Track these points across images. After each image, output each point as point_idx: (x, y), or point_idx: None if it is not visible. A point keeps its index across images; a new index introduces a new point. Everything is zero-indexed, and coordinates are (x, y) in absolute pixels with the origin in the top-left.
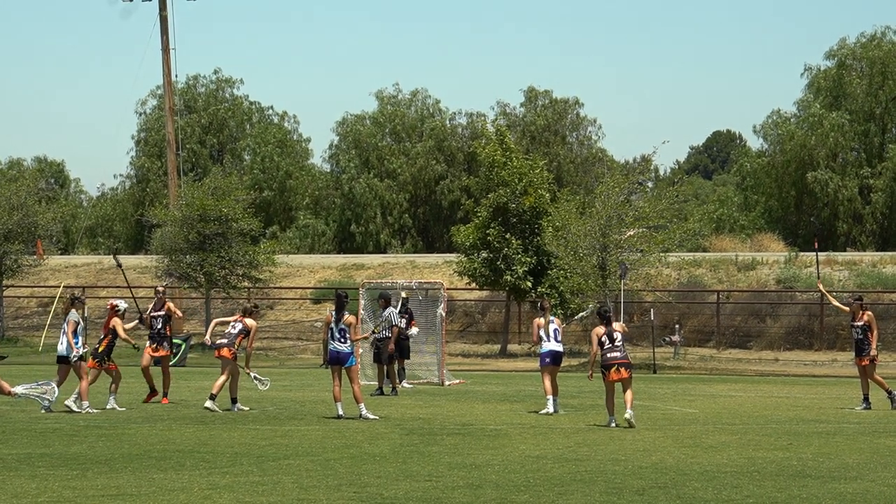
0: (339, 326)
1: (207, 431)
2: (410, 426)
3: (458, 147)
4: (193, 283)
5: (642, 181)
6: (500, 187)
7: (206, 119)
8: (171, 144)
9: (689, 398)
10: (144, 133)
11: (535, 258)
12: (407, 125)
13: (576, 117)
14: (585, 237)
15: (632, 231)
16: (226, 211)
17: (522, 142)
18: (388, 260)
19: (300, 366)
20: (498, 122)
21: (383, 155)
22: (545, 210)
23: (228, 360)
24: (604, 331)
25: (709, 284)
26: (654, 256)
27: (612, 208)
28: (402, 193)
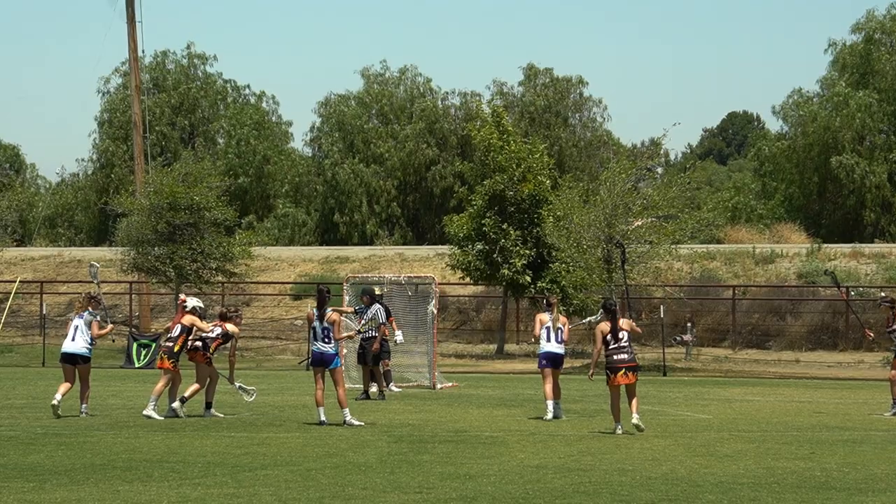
0: (321, 325)
1: (177, 439)
2: (399, 433)
3: (450, 130)
4: (162, 277)
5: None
6: (497, 173)
7: (177, 99)
8: (138, 126)
9: (702, 403)
10: (108, 114)
11: (534, 250)
12: (395, 106)
13: (579, 97)
14: (589, 227)
15: (640, 221)
16: (198, 199)
17: (521, 124)
18: (374, 252)
19: (279, 367)
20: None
21: (369, 138)
22: (545, 198)
23: (202, 364)
24: (609, 328)
25: (724, 279)
26: (664, 249)
27: (618, 196)
28: (390, 180)
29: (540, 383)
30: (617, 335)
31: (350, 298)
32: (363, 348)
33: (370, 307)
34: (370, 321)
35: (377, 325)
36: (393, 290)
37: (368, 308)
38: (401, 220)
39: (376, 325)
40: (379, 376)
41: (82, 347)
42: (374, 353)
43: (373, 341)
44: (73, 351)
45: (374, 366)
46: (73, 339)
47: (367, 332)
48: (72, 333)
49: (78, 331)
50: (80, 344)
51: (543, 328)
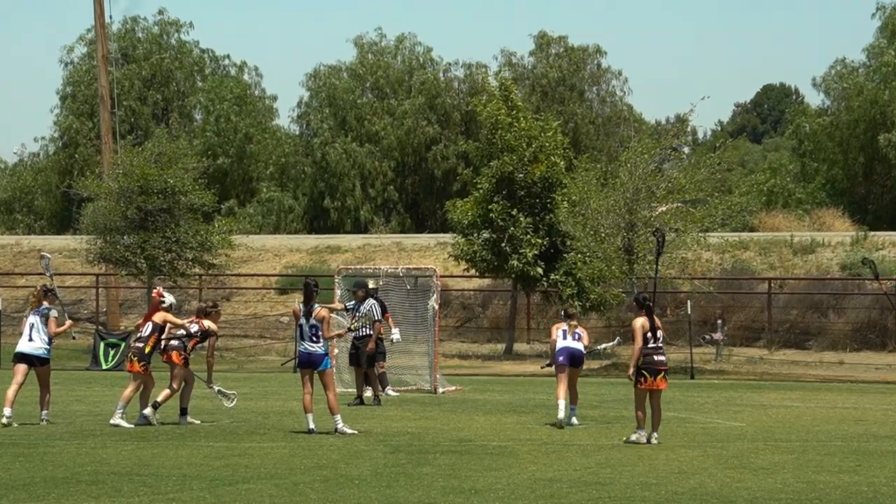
0: (309, 322)
1: (149, 449)
2: (396, 443)
3: (453, 105)
4: (133, 269)
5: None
6: (505, 153)
7: (148, 70)
8: (105, 101)
9: (734, 409)
10: (72, 87)
11: (547, 239)
12: (392, 79)
13: (596, 69)
14: (608, 214)
15: (664, 206)
16: (172, 182)
17: (532, 98)
18: (369, 241)
19: (263, 369)
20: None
21: (363, 114)
22: (559, 181)
23: (178, 366)
24: (647, 323)
25: (758, 271)
26: (691, 237)
27: (640, 179)
28: (387, 161)
29: (554, 387)
30: (655, 332)
31: (342, 293)
32: (356, 348)
33: (363, 302)
34: (364, 318)
35: (372, 323)
36: (389, 283)
37: (362, 303)
38: (398, 205)
39: (371, 322)
40: (374, 379)
41: (40, 348)
42: (368, 353)
43: (367, 340)
44: (29, 352)
45: (369, 368)
46: (29, 338)
47: (361, 331)
48: (27, 332)
49: (34, 329)
50: (38, 344)
51: (560, 330)
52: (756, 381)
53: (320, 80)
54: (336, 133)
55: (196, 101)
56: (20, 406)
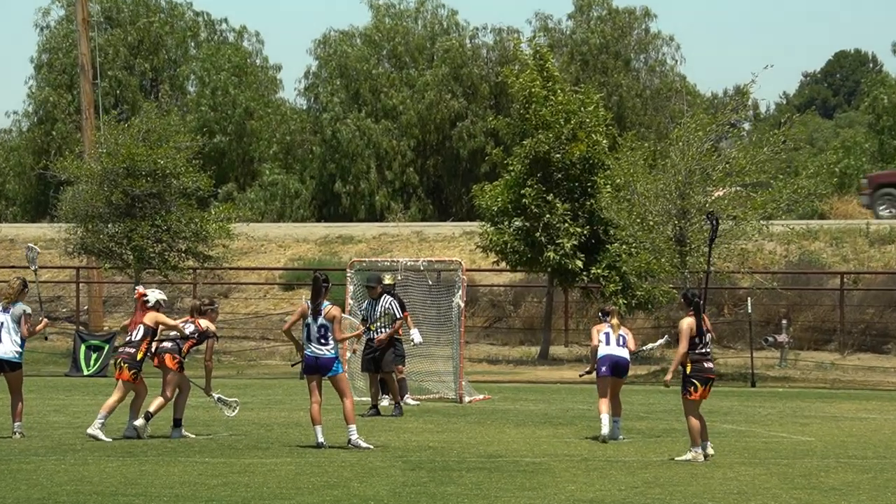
0: (318, 322)
1: (137, 466)
2: (417, 458)
3: (481, 76)
4: (118, 262)
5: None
6: (540, 131)
7: (135, 36)
8: (86, 70)
9: (801, 421)
10: (48, 55)
11: (587, 228)
12: (412, 46)
13: (644, 34)
14: (657, 199)
15: (721, 191)
16: (162, 163)
17: (570, 68)
18: (385, 230)
19: (265, 375)
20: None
21: (379, 86)
22: (601, 162)
23: (171, 371)
24: (695, 324)
25: (829, 264)
26: (752, 225)
27: (693, 159)
28: (405, 139)
29: (595, 395)
30: (704, 334)
31: (355, 288)
32: (373, 351)
33: (380, 299)
34: (385, 316)
35: (393, 321)
36: (409, 277)
37: (378, 301)
38: (418, 189)
39: (390, 320)
40: (393, 386)
41: (11, 351)
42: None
43: (383, 342)
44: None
45: (386, 373)
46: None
47: (379, 331)
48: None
49: (5, 329)
50: (9, 347)
51: (602, 333)
52: (826, 390)
53: (330, 48)
54: (348, 108)
55: (189, 71)
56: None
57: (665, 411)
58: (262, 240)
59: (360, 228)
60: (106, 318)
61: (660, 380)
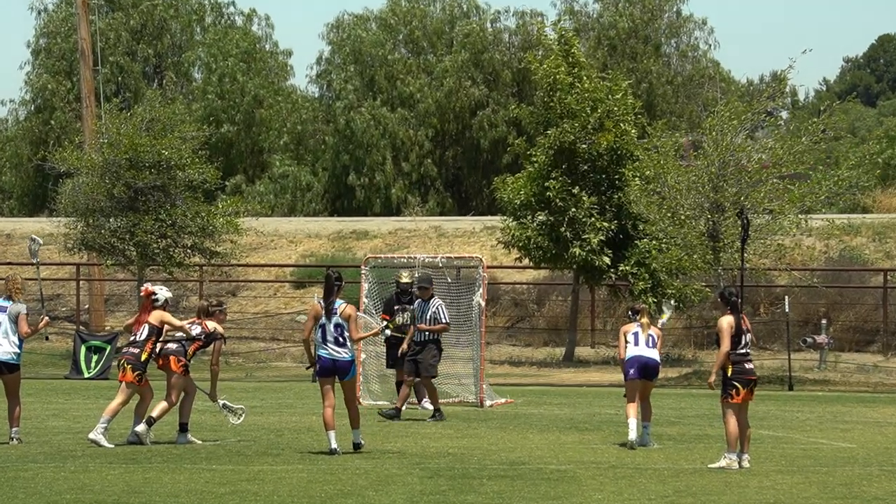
0: (333, 321)
1: (140, 473)
2: (435, 466)
3: (503, 62)
4: (120, 258)
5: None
6: (565, 120)
7: (137, 20)
8: (86, 56)
9: (841, 426)
10: (46, 40)
11: (615, 223)
12: (429, 30)
13: (675, 17)
14: (689, 192)
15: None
16: (167, 154)
17: (597, 53)
18: (402, 225)
19: (276, 378)
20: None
21: (395, 73)
22: (630, 153)
23: (176, 374)
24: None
25: (872, 261)
26: (789, 220)
27: (728, 150)
28: (423, 129)
29: (623, 399)
30: (744, 335)
31: (370, 286)
32: (415, 354)
33: (430, 301)
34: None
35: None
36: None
37: (428, 302)
38: (437, 182)
39: (436, 321)
40: (431, 390)
41: (9, 353)
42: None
43: (427, 345)
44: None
45: (426, 378)
46: None
47: (419, 334)
48: None
49: (2, 330)
50: (7, 348)
51: (630, 334)
52: (868, 394)
53: (344, 32)
54: (363, 95)
55: (195, 56)
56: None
57: (697, 416)
58: (272, 235)
59: (376, 223)
60: (108, 317)
61: (691, 383)
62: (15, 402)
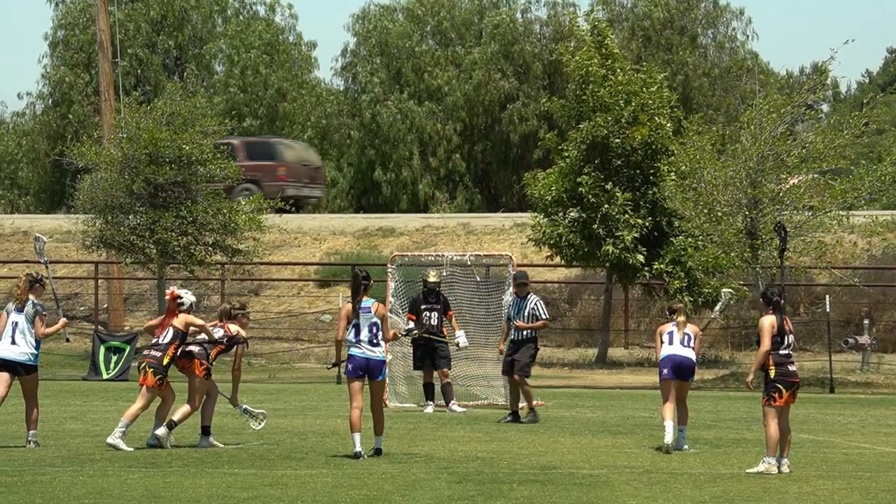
0: (368, 320)
1: (161, 478)
2: (463, 470)
3: (534, 54)
4: (140, 256)
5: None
6: (598, 113)
7: (157, 11)
8: (105, 49)
9: (884, 430)
10: (64, 31)
11: (649, 220)
12: (458, 21)
13: (712, 7)
14: (726, 188)
15: (797, 178)
16: (188, 149)
17: (631, 45)
18: (429, 222)
19: (299, 379)
20: (594, 16)
21: (422, 66)
22: (665, 147)
23: (198, 377)
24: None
25: None
26: (830, 216)
27: (766, 144)
28: (451, 123)
29: (658, 401)
30: (787, 336)
31: (396, 285)
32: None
33: (526, 298)
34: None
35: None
36: (455, 273)
37: (525, 300)
38: (465, 177)
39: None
40: (526, 391)
41: (26, 353)
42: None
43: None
44: (12, 358)
45: (521, 378)
46: (12, 341)
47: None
48: (10, 333)
49: (18, 330)
50: (23, 349)
51: (665, 333)
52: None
53: (370, 23)
54: (389, 88)
55: (217, 48)
56: (1, 425)
57: (735, 419)
58: (296, 232)
59: (402, 220)
60: (127, 316)
61: (728, 385)
62: (32, 404)
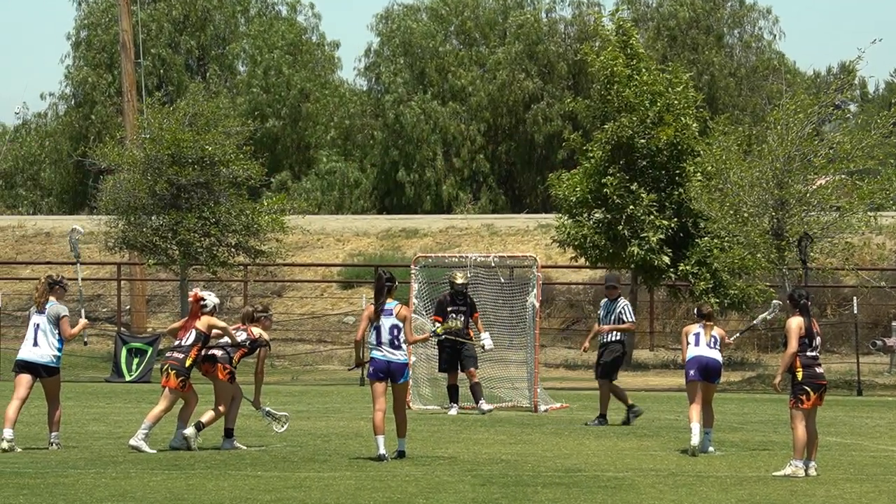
0: (389, 323)
1: (184, 480)
2: (488, 473)
3: (558, 54)
4: (162, 257)
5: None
6: (623, 114)
7: (180, 11)
8: (128, 49)
9: None
10: (86, 32)
11: (675, 221)
12: (482, 21)
13: (739, 6)
14: (752, 189)
15: (824, 179)
16: (210, 149)
17: (657, 45)
18: (453, 223)
19: (322, 381)
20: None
21: (446, 66)
22: (691, 148)
23: (222, 381)
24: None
25: None
26: (858, 217)
27: (793, 144)
28: (475, 123)
29: (684, 403)
30: (813, 337)
31: (419, 287)
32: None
33: (616, 301)
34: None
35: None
36: (479, 275)
37: (614, 302)
38: (489, 178)
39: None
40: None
41: (48, 355)
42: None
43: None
44: (34, 360)
45: (605, 378)
46: (34, 342)
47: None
48: (32, 335)
49: (40, 331)
50: (45, 350)
51: (692, 335)
52: None
53: (393, 23)
54: (413, 89)
55: (239, 49)
56: (24, 426)
57: (761, 421)
58: (319, 233)
59: (426, 221)
60: (149, 318)
61: (755, 387)
62: (54, 406)
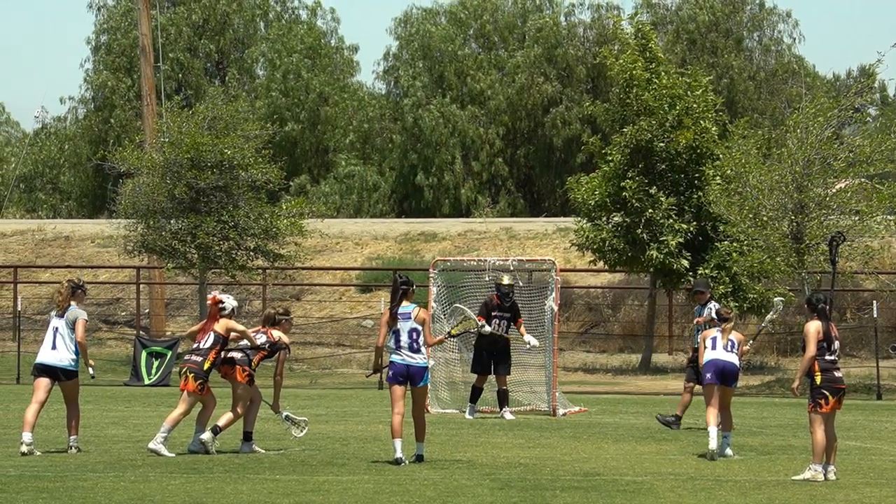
0: (407, 326)
1: (202, 483)
2: (506, 477)
3: (577, 57)
4: (181, 261)
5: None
6: (642, 117)
7: (199, 15)
8: (147, 53)
9: None
10: (106, 36)
11: (693, 224)
12: (501, 24)
13: (758, 10)
14: (772, 192)
15: (843, 182)
16: (229, 153)
17: (676, 48)
18: (471, 227)
19: (341, 385)
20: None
21: (465, 69)
22: (710, 151)
23: (241, 384)
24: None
25: None
26: (878, 220)
27: (812, 148)
28: (494, 127)
29: (702, 407)
30: (831, 340)
31: (438, 290)
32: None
33: (706, 305)
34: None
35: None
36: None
37: (704, 307)
38: (508, 182)
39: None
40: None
41: (66, 359)
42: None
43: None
44: (53, 363)
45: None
46: (52, 346)
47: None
48: (51, 339)
49: (59, 335)
50: (64, 354)
51: (709, 338)
52: None
53: (412, 27)
54: (431, 92)
55: (258, 52)
56: (43, 430)
57: (780, 425)
58: (338, 237)
59: (444, 224)
60: (168, 321)
61: (774, 391)
62: (73, 409)
